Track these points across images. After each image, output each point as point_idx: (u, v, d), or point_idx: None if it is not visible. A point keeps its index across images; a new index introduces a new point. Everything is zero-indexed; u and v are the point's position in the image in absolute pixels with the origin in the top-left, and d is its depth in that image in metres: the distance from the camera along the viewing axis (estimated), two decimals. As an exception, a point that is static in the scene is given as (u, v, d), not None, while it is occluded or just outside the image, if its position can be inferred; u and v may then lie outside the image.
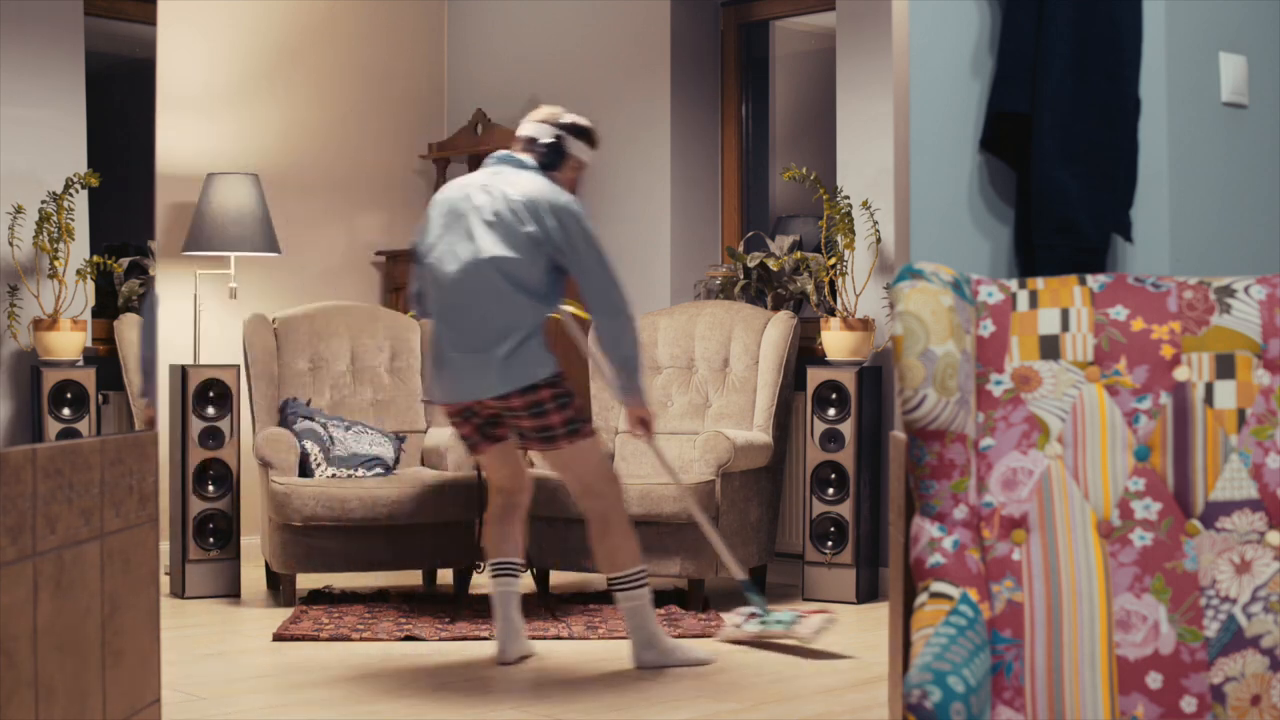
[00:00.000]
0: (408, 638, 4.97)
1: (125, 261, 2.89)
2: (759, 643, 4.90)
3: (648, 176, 6.70)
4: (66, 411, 2.65)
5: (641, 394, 4.58)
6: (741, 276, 6.35)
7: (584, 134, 4.67)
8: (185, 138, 6.58)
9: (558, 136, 4.61)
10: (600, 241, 4.45)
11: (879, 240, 5.82)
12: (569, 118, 4.66)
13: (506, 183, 4.48)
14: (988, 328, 2.21)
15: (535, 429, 4.44)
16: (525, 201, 4.41)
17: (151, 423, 2.93)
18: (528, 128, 4.64)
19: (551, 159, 4.60)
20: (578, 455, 4.50)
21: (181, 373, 5.81)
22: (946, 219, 2.96)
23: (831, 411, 5.72)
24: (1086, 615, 2.09)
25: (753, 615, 4.93)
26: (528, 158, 4.58)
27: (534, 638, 4.90)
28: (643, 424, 4.64)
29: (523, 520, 4.81)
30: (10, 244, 2.55)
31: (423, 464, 6.11)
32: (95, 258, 2.75)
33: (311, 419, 5.90)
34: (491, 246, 4.38)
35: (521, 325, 4.36)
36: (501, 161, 4.59)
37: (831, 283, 5.89)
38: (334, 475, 5.75)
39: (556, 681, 4.40)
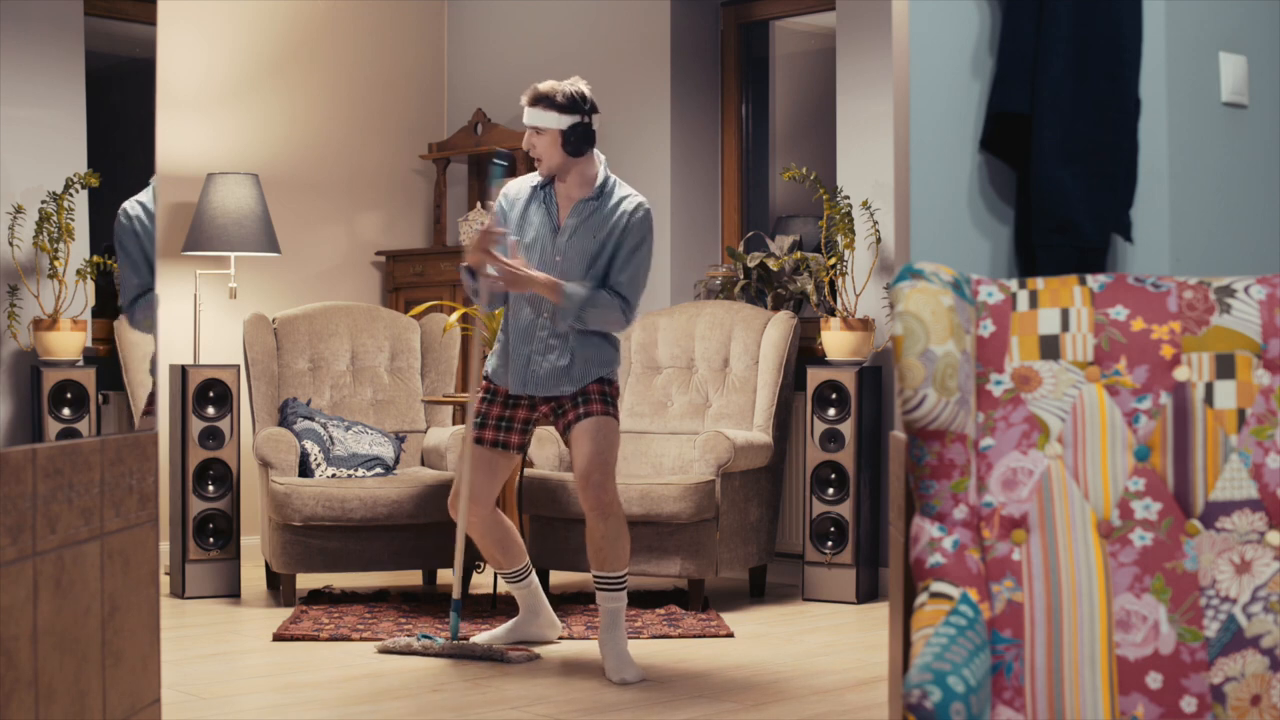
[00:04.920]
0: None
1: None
2: (411, 651, 4.75)
3: (648, 176, 6.69)
4: (66, 411, 2.65)
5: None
6: (741, 276, 6.35)
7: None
8: (185, 138, 6.58)
9: None
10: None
11: (879, 240, 5.82)
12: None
13: None
14: (988, 328, 2.21)
15: None
16: None
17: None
18: None
19: None
20: None
21: (181, 373, 5.81)
22: (946, 219, 2.96)
23: (831, 411, 5.72)
24: (1086, 615, 2.09)
25: (426, 640, 4.75)
26: None
27: (536, 640, 4.91)
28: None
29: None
30: (10, 244, 2.55)
31: (423, 464, 6.11)
32: (95, 258, 2.75)
33: (311, 419, 5.90)
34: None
35: None
36: None
37: (831, 283, 5.89)
38: (334, 475, 5.75)
39: (556, 681, 4.40)
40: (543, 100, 4.44)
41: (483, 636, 4.82)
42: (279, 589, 5.77)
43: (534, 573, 4.89)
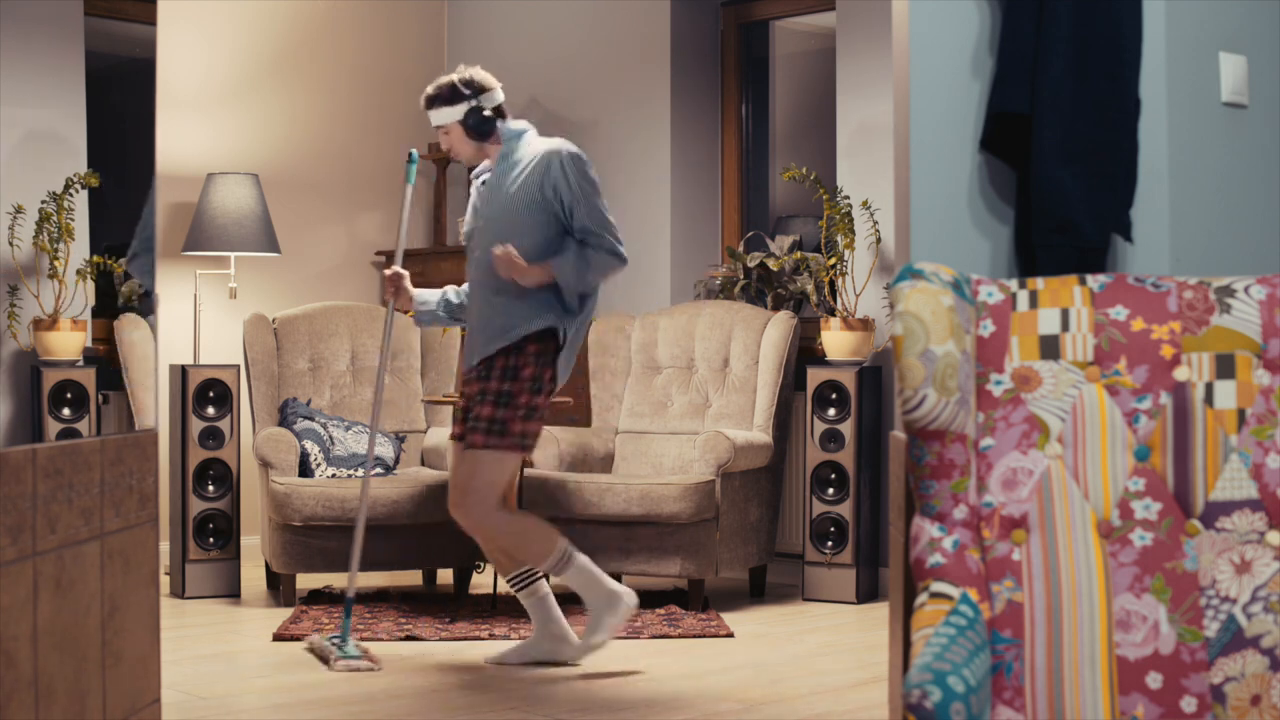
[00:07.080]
0: (408, 638, 4.97)
1: (125, 261, 2.89)
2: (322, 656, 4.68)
3: (648, 176, 6.69)
4: (66, 411, 2.65)
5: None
6: (741, 276, 6.36)
7: None
8: (185, 138, 6.58)
9: None
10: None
11: (879, 240, 5.82)
12: None
13: None
14: (988, 328, 2.21)
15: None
16: None
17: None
18: None
19: None
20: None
21: (181, 373, 5.81)
22: (946, 219, 2.96)
23: (831, 411, 5.72)
24: (1086, 615, 2.09)
25: (336, 643, 4.64)
26: None
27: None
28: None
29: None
30: (10, 244, 2.55)
31: (423, 464, 6.11)
32: (95, 258, 2.75)
33: (311, 419, 5.90)
34: None
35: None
36: None
37: (831, 283, 5.89)
38: (334, 475, 5.75)
39: (557, 682, 4.40)
40: (432, 101, 4.49)
41: (494, 656, 4.65)
42: (279, 589, 5.77)
43: (544, 579, 4.61)
